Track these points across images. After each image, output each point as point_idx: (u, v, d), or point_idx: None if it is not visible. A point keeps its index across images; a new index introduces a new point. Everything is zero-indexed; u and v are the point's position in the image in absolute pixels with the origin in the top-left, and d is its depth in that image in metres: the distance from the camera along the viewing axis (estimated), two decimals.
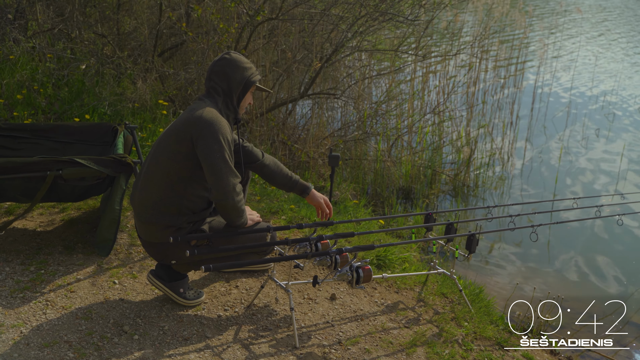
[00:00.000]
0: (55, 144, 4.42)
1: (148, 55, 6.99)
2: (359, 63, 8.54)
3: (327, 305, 3.69)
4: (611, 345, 4.27)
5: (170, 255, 3.30)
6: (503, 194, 6.86)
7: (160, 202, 3.18)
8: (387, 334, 3.48)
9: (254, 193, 5.25)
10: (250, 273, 3.92)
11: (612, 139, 8.67)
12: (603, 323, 4.56)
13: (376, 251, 4.30)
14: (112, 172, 3.78)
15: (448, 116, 8.25)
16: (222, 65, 3.27)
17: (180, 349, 3.11)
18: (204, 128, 3.08)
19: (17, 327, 3.15)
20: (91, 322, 3.26)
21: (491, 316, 3.93)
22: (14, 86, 6.11)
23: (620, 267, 5.40)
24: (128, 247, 4.09)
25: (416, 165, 6.79)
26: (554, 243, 5.76)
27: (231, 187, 3.11)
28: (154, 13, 7.36)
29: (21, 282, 3.56)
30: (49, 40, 6.80)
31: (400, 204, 6.49)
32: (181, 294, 3.46)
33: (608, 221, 6.08)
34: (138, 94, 6.41)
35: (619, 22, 18.77)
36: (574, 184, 7.15)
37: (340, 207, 5.45)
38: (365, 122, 7.39)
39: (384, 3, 6.65)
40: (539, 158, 7.93)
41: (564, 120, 9.42)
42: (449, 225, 3.89)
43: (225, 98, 3.29)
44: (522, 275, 5.20)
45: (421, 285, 4.11)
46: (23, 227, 4.24)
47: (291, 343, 3.26)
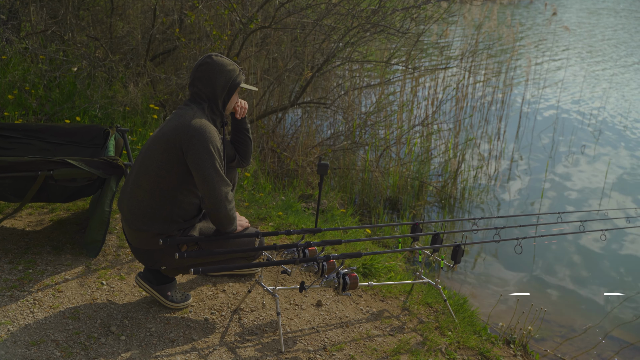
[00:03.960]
0: (47, 145, 4.44)
1: (140, 60, 7.02)
2: (350, 74, 8.62)
3: (313, 312, 3.73)
4: (593, 358, 4.34)
5: (160, 261, 3.31)
6: (489, 207, 6.94)
7: (151, 209, 3.18)
8: (371, 341, 3.52)
9: (242, 199, 5.29)
10: (237, 278, 3.95)
11: (598, 155, 8.78)
12: (585, 336, 4.63)
13: (363, 259, 4.34)
14: (103, 174, 3.80)
15: (436, 129, 8.33)
16: (204, 71, 3.24)
17: (167, 351, 3.13)
18: (193, 137, 3.08)
19: (4, 325, 3.16)
20: (78, 322, 3.28)
21: (474, 326, 3.98)
22: (5, 86, 6.12)
23: (603, 282, 5.48)
24: (116, 249, 4.11)
25: (404, 176, 6.85)
26: (538, 256, 5.83)
27: (223, 196, 3.14)
28: (147, 18, 7.39)
29: (9, 281, 3.57)
30: (41, 41, 6.82)
31: (387, 214, 6.54)
32: (168, 297, 3.48)
33: (592, 236, 6.17)
34: (129, 98, 6.43)
35: (607, 41, 19.01)
36: (559, 198, 7.24)
37: (327, 215, 5.49)
38: (354, 132, 7.45)
39: (376, 15, 6.73)
40: (525, 172, 8.02)
41: (550, 135, 9.53)
42: (435, 236, 3.93)
43: (211, 103, 3.27)
44: (505, 287, 5.26)
45: (406, 294, 4.15)
46: (12, 226, 4.25)
47: (277, 347, 3.29)
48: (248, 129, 3.65)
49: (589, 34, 20.39)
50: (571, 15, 26.14)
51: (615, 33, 21.23)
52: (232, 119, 3.62)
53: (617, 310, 5.03)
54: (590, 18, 25.69)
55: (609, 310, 5.03)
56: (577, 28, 21.77)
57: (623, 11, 30.68)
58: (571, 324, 4.79)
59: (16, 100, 6.03)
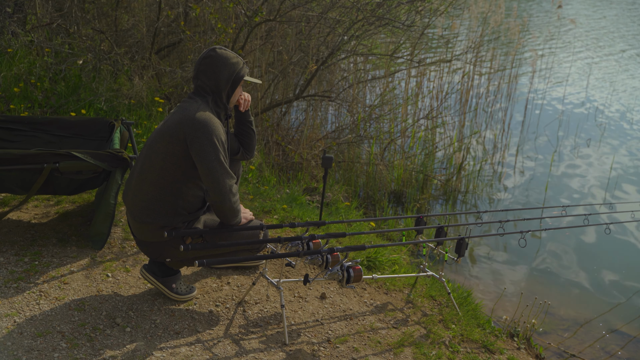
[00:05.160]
0: (52, 137, 4.46)
1: (145, 53, 7.02)
2: (354, 67, 8.61)
3: (317, 304, 3.74)
4: (597, 352, 4.35)
5: (165, 254, 3.33)
6: (493, 200, 6.94)
7: (156, 202, 3.20)
8: (375, 333, 3.53)
9: (247, 192, 5.30)
10: (242, 270, 3.97)
11: (603, 149, 8.76)
12: (589, 329, 4.63)
13: (367, 252, 4.35)
14: (109, 166, 3.81)
15: (441, 122, 8.32)
16: (207, 64, 3.25)
17: (172, 342, 3.15)
18: (198, 130, 3.10)
19: (10, 317, 3.19)
20: (84, 314, 3.30)
21: (478, 319, 3.99)
22: (11, 79, 6.14)
23: (607, 275, 5.48)
24: (122, 241, 4.13)
25: (408, 170, 6.86)
26: (542, 250, 5.83)
27: (227, 188, 3.16)
28: (152, 11, 7.39)
29: (15, 273, 3.60)
30: (47, 34, 6.83)
31: (391, 207, 6.55)
32: (173, 289, 3.50)
33: (596, 229, 6.17)
34: (134, 91, 6.44)
35: (614, 34, 18.93)
36: (563, 192, 7.23)
37: (332, 208, 5.51)
38: (359, 125, 7.45)
39: (381, 8, 6.72)
40: (530, 165, 8.01)
41: (555, 128, 9.51)
42: (439, 229, 3.94)
43: (215, 96, 3.28)
44: (509, 280, 5.26)
45: (410, 287, 4.16)
46: (18, 218, 4.28)
47: (281, 340, 3.31)
48: (251, 121, 3.66)
49: (595, 26, 20.29)
50: (576, 8, 26.03)
51: (622, 25, 21.13)
52: (235, 111, 3.63)
53: (622, 304, 5.03)
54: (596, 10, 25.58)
55: (613, 303, 5.03)
56: (585, 20, 21.67)
57: (635, 3, 30.50)
58: (575, 317, 4.79)
59: (22, 93, 6.05)
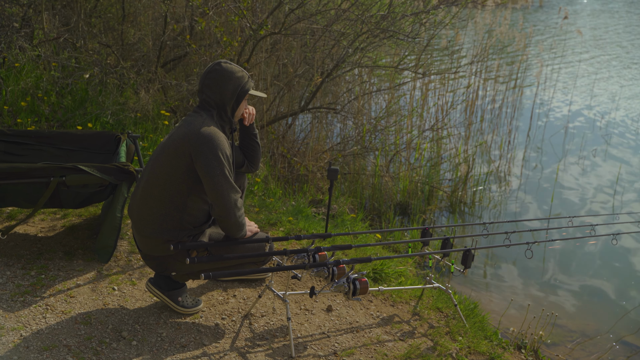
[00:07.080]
0: (59, 151, 4.48)
1: (151, 66, 7.07)
2: (359, 79, 8.63)
3: (323, 317, 3.74)
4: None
5: (171, 267, 3.33)
6: (499, 212, 6.92)
7: (161, 217, 3.20)
8: (382, 346, 3.52)
9: (252, 205, 5.30)
10: (248, 283, 3.97)
11: (609, 160, 8.74)
12: (597, 341, 4.60)
13: (373, 264, 4.35)
14: (115, 179, 3.83)
15: (446, 133, 8.33)
16: (212, 78, 3.26)
17: (178, 356, 3.15)
18: (203, 144, 3.10)
19: (17, 330, 3.19)
20: (90, 327, 3.30)
21: (485, 331, 3.97)
22: (18, 93, 6.18)
23: (613, 286, 5.45)
24: (128, 255, 4.13)
25: (414, 181, 6.85)
26: (548, 261, 5.81)
27: (232, 203, 3.16)
28: (158, 25, 7.44)
29: (22, 286, 3.61)
30: (54, 49, 6.87)
31: (397, 219, 6.54)
32: (179, 302, 3.50)
33: (603, 240, 6.14)
34: (140, 104, 6.48)
35: (619, 45, 18.92)
36: (569, 202, 7.21)
37: (337, 220, 5.50)
38: (364, 137, 7.46)
39: (385, 20, 6.74)
40: (535, 176, 8.00)
41: (561, 139, 9.50)
42: (445, 240, 3.93)
43: (219, 110, 3.29)
44: (516, 292, 5.24)
45: (417, 299, 4.15)
46: (24, 232, 4.29)
47: (287, 352, 3.30)
48: (256, 134, 3.67)
49: (600, 37, 20.29)
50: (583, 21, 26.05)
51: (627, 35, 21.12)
52: (240, 125, 3.64)
53: (630, 315, 5.01)
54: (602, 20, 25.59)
55: (621, 314, 5.00)
56: (591, 30, 21.68)
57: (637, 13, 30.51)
58: (583, 328, 4.77)
59: (29, 107, 6.08)
